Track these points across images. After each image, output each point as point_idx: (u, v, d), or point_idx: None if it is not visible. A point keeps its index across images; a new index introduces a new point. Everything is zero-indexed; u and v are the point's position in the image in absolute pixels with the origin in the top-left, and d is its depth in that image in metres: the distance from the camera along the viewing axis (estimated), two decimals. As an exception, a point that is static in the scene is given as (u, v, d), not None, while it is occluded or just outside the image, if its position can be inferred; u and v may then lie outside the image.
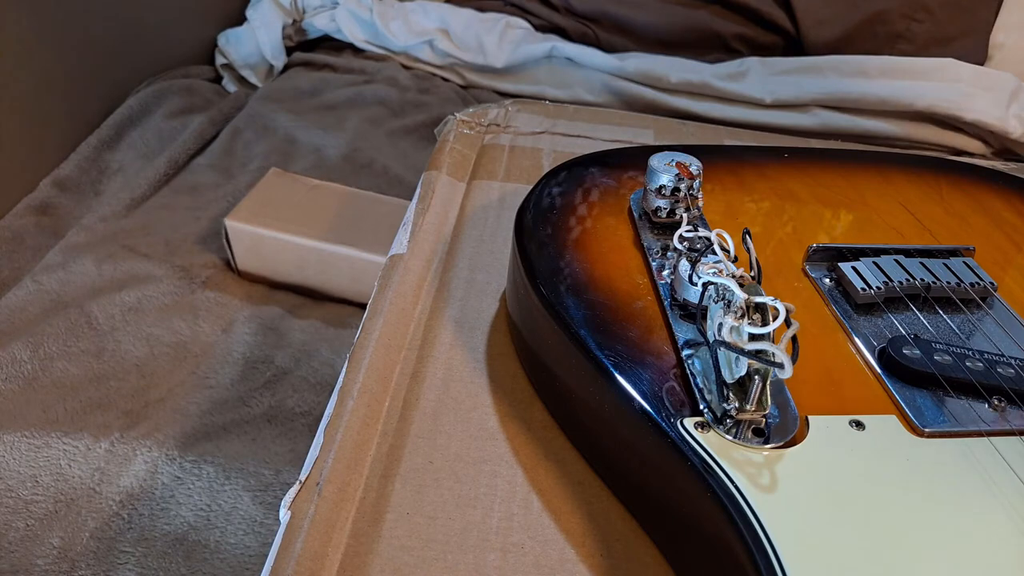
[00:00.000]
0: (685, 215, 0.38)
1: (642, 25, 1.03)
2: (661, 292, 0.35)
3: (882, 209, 0.43)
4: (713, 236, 0.35)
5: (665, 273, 0.36)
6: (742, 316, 0.29)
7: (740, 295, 0.30)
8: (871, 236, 0.40)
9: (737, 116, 0.93)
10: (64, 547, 0.52)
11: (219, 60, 1.12)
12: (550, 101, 0.64)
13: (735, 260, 0.34)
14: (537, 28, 1.09)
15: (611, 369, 0.31)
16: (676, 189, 0.39)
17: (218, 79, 1.11)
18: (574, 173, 0.44)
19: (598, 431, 0.34)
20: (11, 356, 0.63)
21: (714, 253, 0.34)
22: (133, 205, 0.83)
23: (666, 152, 0.40)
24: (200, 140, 0.94)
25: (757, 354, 0.28)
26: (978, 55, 0.99)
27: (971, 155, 0.90)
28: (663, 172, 0.38)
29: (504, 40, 1.05)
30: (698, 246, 0.35)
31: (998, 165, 0.59)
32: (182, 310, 0.70)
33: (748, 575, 0.25)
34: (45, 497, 0.54)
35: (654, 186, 0.39)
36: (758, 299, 0.30)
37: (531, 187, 0.43)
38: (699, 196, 0.39)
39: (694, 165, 0.39)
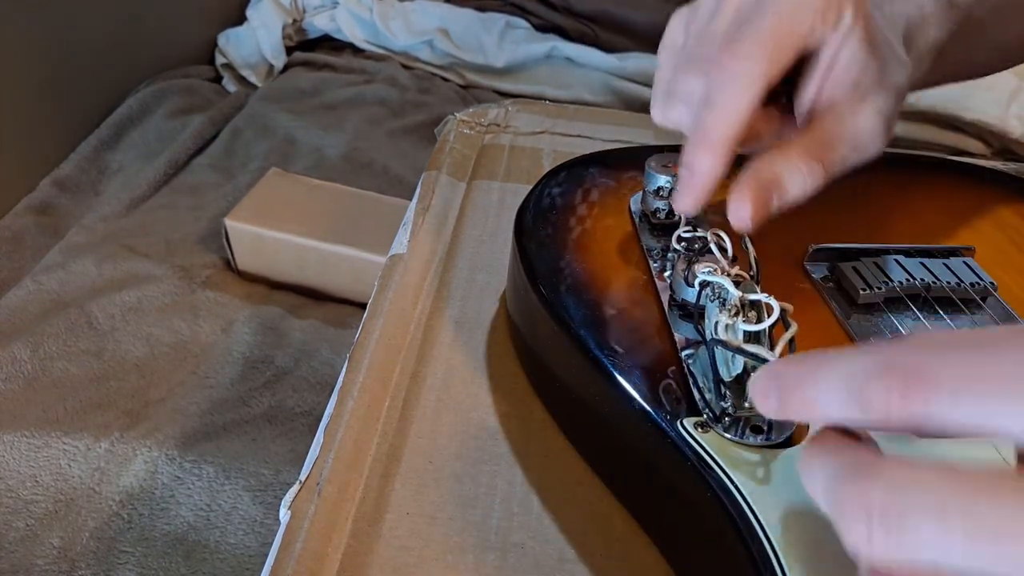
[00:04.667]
0: (684, 216, 0.38)
1: (642, 25, 1.03)
2: (660, 293, 0.35)
3: (882, 209, 0.43)
4: (710, 236, 0.35)
5: (666, 275, 0.36)
6: (736, 314, 0.30)
7: (734, 293, 0.30)
8: (871, 236, 0.40)
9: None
10: (64, 547, 0.52)
11: (219, 60, 1.12)
12: (550, 101, 0.64)
13: (734, 260, 0.34)
14: (537, 28, 1.09)
15: (611, 369, 0.31)
16: (674, 190, 0.38)
17: (218, 79, 1.11)
18: (574, 173, 0.44)
19: (598, 431, 0.34)
20: (11, 356, 0.63)
21: (711, 253, 0.34)
22: (133, 205, 0.83)
23: (664, 153, 0.40)
24: (200, 140, 0.94)
25: (750, 352, 0.28)
26: (978, 55, 0.99)
27: (971, 155, 0.90)
28: (661, 174, 0.38)
29: (504, 40, 1.05)
30: (696, 246, 0.35)
31: (998, 165, 0.59)
32: (182, 310, 0.70)
33: (747, 574, 0.25)
34: (45, 497, 0.54)
35: (652, 188, 0.39)
36: (752, 296, 0.30)
37: (531, 187, 0.43)
38: None
39: None
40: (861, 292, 0.36)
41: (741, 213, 0.30)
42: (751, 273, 0.33)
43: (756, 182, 0.30)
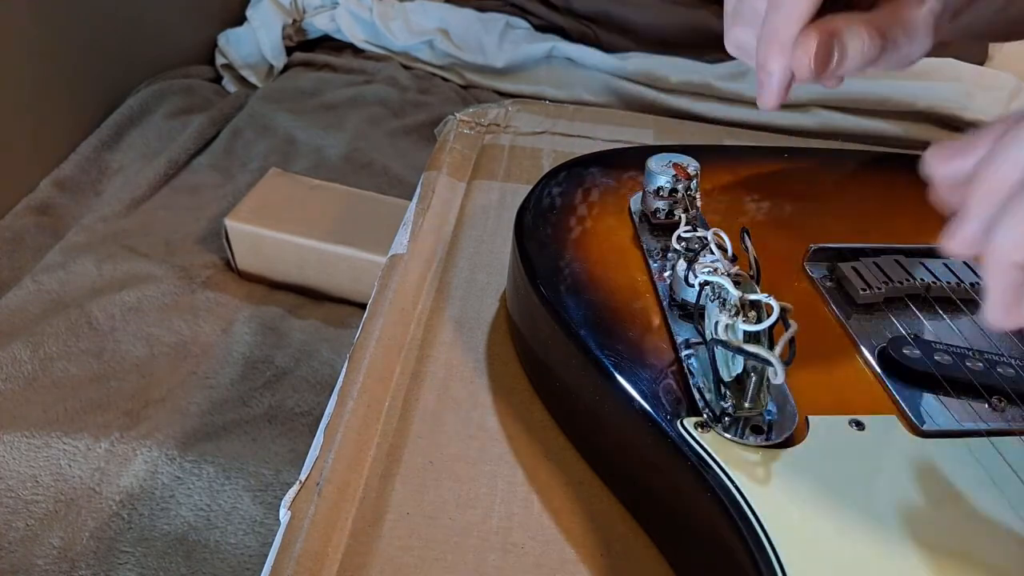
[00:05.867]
0: (684, 216, 0.38)
1: (643, 25, 1.03)
2: (660, 293, 0.35)
3: (882, 209, 0.43)
4: (710, 236, 0.35)
5: (666, 275, 0.36)
6: (736, 314, 0.30)
7: (734, 293, 0.30)
8: (871, 236, 0.40)
9: (737, 116, 0.93)
10: (64, 547, 0.52)
11: (219, 60, 1.12)
12: (550, 101, 0.64)
13: (734, 260, 0.34)
14: (537, 28, 1.09)
15: (611, 369, 0.31)
16: (674, 190, 0.38)
17: (218, 79, 1.11)
18: (574, 173, 0.44)
19: (598, 431, 0.34)
20: (11, 356, 0.63)
21: (711, 252, 0.34)
22: (133, 205, 0.83)
23: (663, 154, 0.40)
24: (200, 140, 0.93)
25: (750, 352, 0.28)
26: (978, 55, 0.99)
27: (971, 155, 0.89)
28: (660, 174, 0.38)
29: (504, 40, 1.05)
30: (695, 246, 0.35)
31: (998, 165, 0.59)
32: (182, 310, 0.70)
33: (748, 575, 0.25)
34: (45, 497, 0.54)
35: (652, 188, 0.39)
36: (752, 296, 0.30)
37: (531, 187, 0.43)
38: (697, 197, 0.39)
39: (691, 166, 0.39)
40: (861, 292, 0.36)
41: (807, 48, 0.32)
42: (751, 273, 0.33)
43: (823, 31, 0.32)
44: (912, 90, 0.90)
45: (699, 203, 0.39)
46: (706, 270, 0.32)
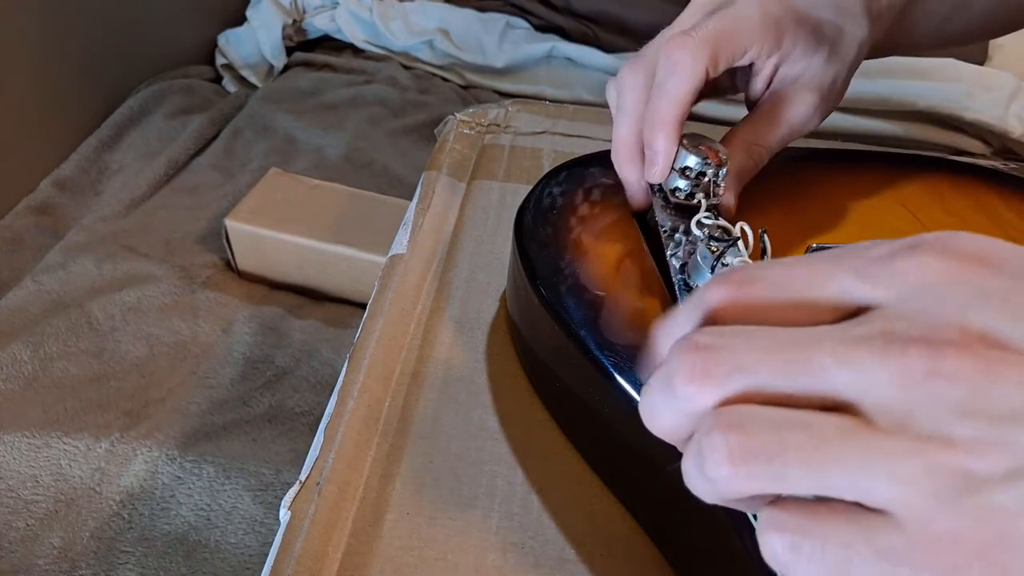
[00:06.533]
0: (704, 201, 0.37)
1: (643, 25, 1.03)
2: (672, 271, 0.34)
3: (882, 209, 0.43)
4: (737, 230, 0.34)
5: (678, 254, 0.35)
6: None
7: None
8: (871, 236, 0.40)
9: (737, 116, 0.93)
10: (64, 547, 0.52)
11: (219, 60, 1.12)
12: (550, 101, 0.64)
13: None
14: (537, 28, 1.09)
15: (611, 369, 0.31)
16: (701, 173, 0.37)
17: (218, 79, 1.11)
18: (574, 173, 0.44)
19: (598, 431, 0.34)
20: (11, 356, 0.63)
21: (736, 247, 0.33)
22: (133, 205, 0.83)
23: (697, 134, 0.38)
24: (200, 140, 0.94)
25: None
26: (978, 55, 0.99)
27: (971, 155, 0.90)
28: (692, 153, 0.37)
29: (504, 40, 1.06)
30: (717, 235, 0.34)
31: (998, 165, 0.59)
32: (182, 310, 0.70)
33: (748, 574, 0.25)
34: (45, 497, 0.54)
35: (678, 165, 0.37)
36: None
37: (531, 187, 0.43)
38: (721, 186, 0.38)
39: (723, 153, 0.38)
40: (861, 292, 0.35)
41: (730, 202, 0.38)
42: None
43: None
44: (912, 90, 0.90)
45: (722, 192, 0.37)
46: (740, 258, 0.32)
